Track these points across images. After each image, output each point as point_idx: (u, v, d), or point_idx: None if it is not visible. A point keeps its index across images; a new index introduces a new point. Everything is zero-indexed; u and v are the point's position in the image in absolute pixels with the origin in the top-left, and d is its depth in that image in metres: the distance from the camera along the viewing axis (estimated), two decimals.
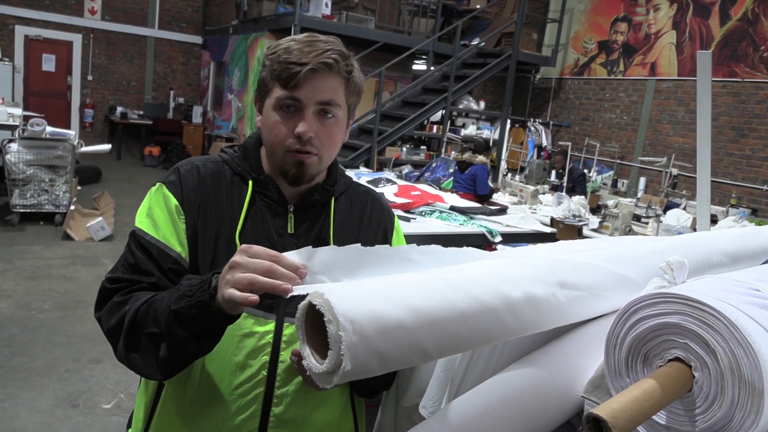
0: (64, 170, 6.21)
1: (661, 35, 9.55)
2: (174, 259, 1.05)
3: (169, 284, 1.04)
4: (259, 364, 1.07)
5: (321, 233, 1.13)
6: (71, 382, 3.24)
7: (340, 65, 1.05)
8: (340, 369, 0.61)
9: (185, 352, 0.94)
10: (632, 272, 0.89)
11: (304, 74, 1.02)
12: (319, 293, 0.65)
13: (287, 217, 1.12)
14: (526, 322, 0.74)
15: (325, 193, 1.15)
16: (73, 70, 11.06)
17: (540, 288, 0.77)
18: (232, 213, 1.09)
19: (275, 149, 1.08)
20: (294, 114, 1.05)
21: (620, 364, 0.65)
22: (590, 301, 0.84)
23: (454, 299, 0.69)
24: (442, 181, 6.72)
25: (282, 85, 1.04)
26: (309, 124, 1.04)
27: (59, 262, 5.14)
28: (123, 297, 1.02)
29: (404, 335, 0.64)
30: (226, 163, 1.14)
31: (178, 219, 1.07)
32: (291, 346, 1.08)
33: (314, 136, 1.05)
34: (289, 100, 1.04)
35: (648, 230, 5.36)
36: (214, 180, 1.12)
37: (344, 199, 1.19)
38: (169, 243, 1.06)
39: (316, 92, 1.04)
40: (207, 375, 1.07)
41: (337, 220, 1.15)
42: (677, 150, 8.97)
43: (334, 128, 1.08)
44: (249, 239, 1.08)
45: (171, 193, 1.08)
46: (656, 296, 0.61)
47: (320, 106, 1.05)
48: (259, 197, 1.11)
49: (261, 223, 1.10)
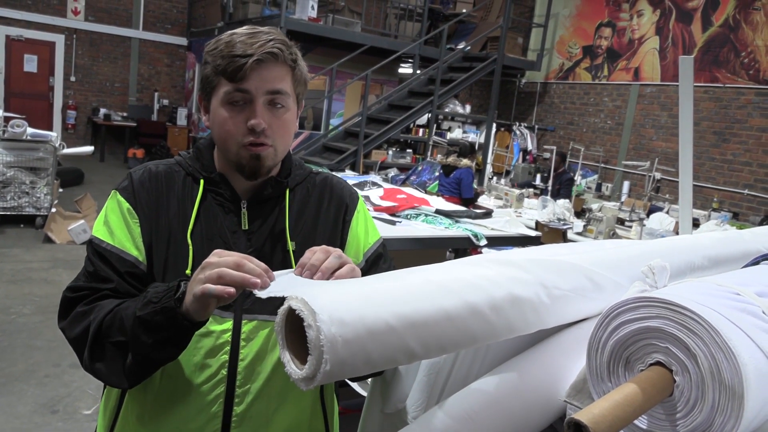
0: (45, 172, 6.13)
1: (644, 41, 9.66)
2: (131, 263, 1.06)
3: (129, 288, 1.04)
4: (218, 363, 1.07)
5: (276, 227, 1.13)
6: (51, 388, 3.19)
7: (285, 54, 1.05)
8: (320, 370, 0.61)
9: (150, 358, 0.94)
10: (616, 275, 0.89)
11: (250, 65, 1.01)
12: (298, 297, 0.64)
13: (240, 213, 1.11)
14: (511, 323, 0.74)
15: (278, 185, 1.14)
16: (56, 71, 10.93)
17: (524, 288, 0.77)
18: (184, 213, 1.09)
19: (228, 145, 1.07)
20: (244, 107, 1.04)
21: (602, 368, 0.64)
22: (574, 301, 0.84)
23: (438, 299, 0.68)
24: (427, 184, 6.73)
25: (228, 78, 1.03)
26: (261, 116, 1.03)
27: (40, 266, 5.06)
28: (86, 307, 1.02)
29: (389, 334, 0.63)
30: (179, 164, 1.15)
31: (132, 223, 1.07)
32: (250, 344, 1.08)
33: (267, 127, 1.04)
34: (237, 93, 1.03)
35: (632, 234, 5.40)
36: (167, 182, 1.12)
37: (301, 191, 1.18)
38: (125, 248, 1.06)
39: (264, 82, 1.03)
40: (167, 377, 1.06)
41: (293, 212, 1.15)
42: (660, 154, 9.07)
43: (285, 118, 1.08)
44: (201, 238, 1.08)
45: (124, 198, 1.09)
46: (638, 300, 0.61)
47: (270, 96, 1.04)
48: (211, 195, 1.11)
49: (213, 221, 1.10)
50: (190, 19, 11.74)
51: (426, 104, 8.96)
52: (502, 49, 9.67)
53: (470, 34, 10.85)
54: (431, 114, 9.15)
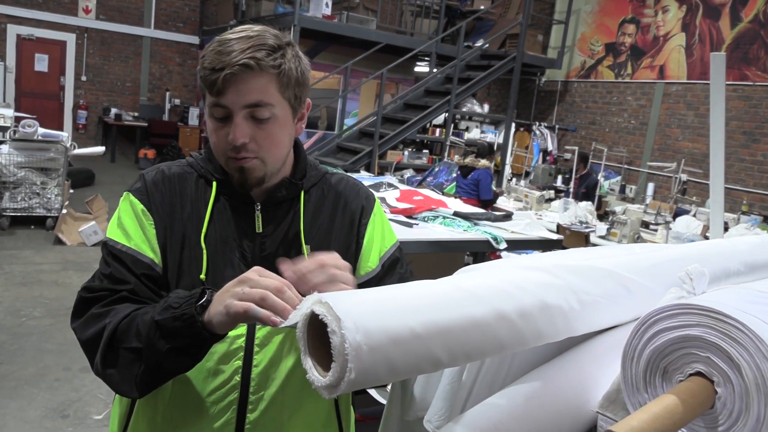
0: (56, 173, 6.21)
1: (670, 37, 9.56)
2: (147, 265, 1.06)
3: (146, 290, 1.05)
4: (231, 369, 1.07)
5: (291, 230, 1.12)
6: (61, 392, 3.22)
7: (263, 62, 0.99)
8: (344, 378, 0.60)
9: (163, 366, 0.94)
10: (648, 280, 0.88)
11: (223, 79, 0.98)
12: (322, 301, 0.64)
13: (254, 216, 1.11)
14: (539, 330, 0.73)
15: (292, 187, 1.14)
16: (67, 70, 11.07)
17: (553, 294, 0.76)
18: (197, 216, 1.10)
19: (218, 156, 1.08)
20: (226, 121, 1.03)
21: (638, 378, 0.63)
22: (605, 308, 0.83)
23: (466, 305, 0.67)
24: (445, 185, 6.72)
25: (209, 91, 1.02)
26: (239, 131, 1.01)
27: (50, 268, 5.12)
28: (102, 309, 1.02)
29: (415, 342, 0.63)
30: (191, 165, 1.15)
31: (146, 224, 1.08)
32: (264, 349, 1.08)
33: (249, 141, 1.03)
34: (217, 107, 1.02)
35: (657, 237, 5.34)
36: (180, 183, 1.12)
37: (316, 192, 1.18)
38: (141, 249, 1.06)
39: (241, 96, 1.00)
40: (179, 383, 1.06)
41: (308, 215, 1.15)
42: (686, 155, 8.97)
43: (271, 128, 1.05)
44: (215, 241, 1.09)
45: (137, 200, 1.10)
46: (676, 307, 0.60)
47: (249, 109, 1.02)
48: (224, 198, 1.12)
49: (227, 224, 1.10)
50: (202, 17, 11.83)
51: (443, 103, 8.95)
52: (522, 46, 9.63)
53: (488, 31, 10.82)
54: (448, 113, 9.14)
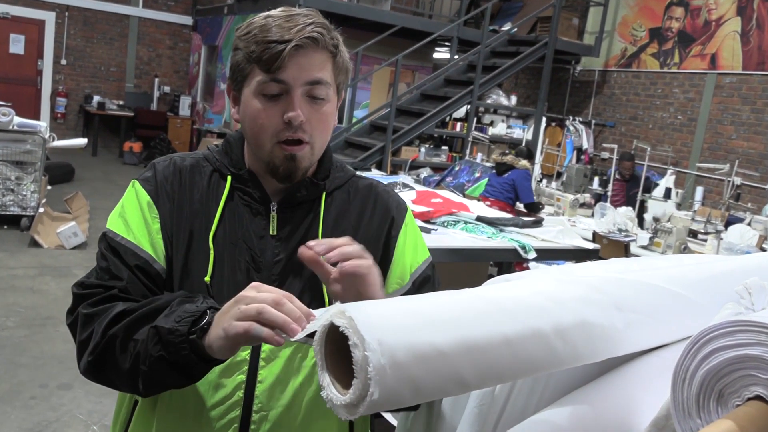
0: (33, 167, 6.28)
1: (723, 22, 9.52)
2: (144, 260, 1.09)
3: (140, 288, 1.08)
4: (234, 383, 1.09)
5: (308, 235, 1.14)
6: (38, 411, 3.26)
7: (326, 39, 1.07)
8: (366, 398, 0.62)
9: (154, 377, 0.97)
10: (698, 296, 0.89)
11: (288, 52, 1.03)
12: (343, 312, 0.65)
13: (269, 216, 1.14)
14: (578, 350, 0.75)
15: (313, 188, 1.16)
16: (45, 53, 11.20)
17: (594, 311, 0.77)
18: (207, 213, 1.12)
19: (261, 142, 1.09)
20: (279, 99, 1.06)
21: (690, 402, 0.64)
22: (651, 327, 0.84)
23: (498, 321, 0.69)
24: (466, 187, 6.73)
25: (263, 68, 1.05)
26: (299, 108, 1.06)
27: (25, 273, 5.18)
28: (91, 309, 1.06)
29: (441, 361, 0.64)
30: (206, 158, 1.18)
31: (150, 218, 1.11)
32: (270, 364, 1.10)
33: (305, 122, 1.07)
34: (272, 83, 1.05)
35: (707, 248, 5.32)
36: (192, 176, 1.15)
37: (340, 196, 1.20)
38: (141, 244, 1.10)
39: (303, 71, 1.05)
40: (178, 396, 1.09)
41: (328, 219, 1.17)
42: (741, 155, 8.92)
43: (326, 111, 1.10)
44: (223, 242, 1.11)
45: (144, 189, 1.13)
46: (733, 324, 0.61)
47: (309, 86, 1.07)
48: (239, 195, 1.14)
49: (238, 224, 1.13)
50: None
51: (465, 94, 8.96)
52: (554, 31, 9.63)
53: (517, 13, 10.82)
54: (471, 106, 9.14)
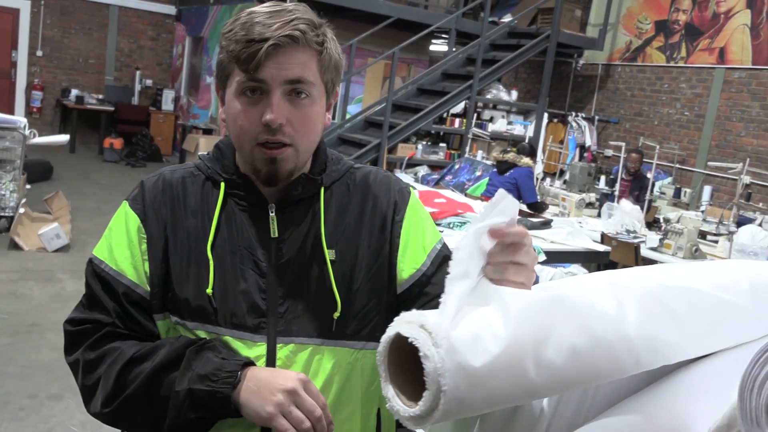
0: (12, 165, 6.25)
1: (732, 15, 9.60)
2: (127, 287, 1.13)
3: (127, 316, 1.13)
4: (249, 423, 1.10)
5: (310, 234, 1.16)
6: (28, 423, 3.26)
7: (308, 36, 1.07)
8: (438, 409, 0.65)
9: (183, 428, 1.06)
10: (750, 303, 0.92)
11: (265, 51, 1.04)
12: (411, 321, 0.68)
13: (268, 219, 1.15)
14: (639, 359, 0.78)
15: (309, 184, 1.18)
16: (20, 43, 11.14)
17: (653, 319, 0.80)
18: (203, 223, 1.15)
19: (242, 144, 1.11)
20: (259, 99, 1.08)
21: (759, 412, 0.67)
22: (703, 334, 0.87)
23: (566, 326, 0.72)
24: (467, 186, 6.77)
25: (242, 67, 1.06)
26: (277, 109, 1.06)
27: (7, 277, 5.17)
28: (93, 353, 1.11)
29: (512, 369, 0.67)
30: (198, 168, 1.20)
31: (137, 239, 1.14)
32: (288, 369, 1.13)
33: (285, 123, 1.07)
34: (251, 83, 1.07)
35: (718, 250, 5.38)
36: (184, 188, 1.17)
37: (339, 189, 1.22)
38: (123, 271, 1.13)
39: (283, 70, 1.06)
40: None
41: (330, 214, 1.19)
42: (751, 153, 9.00)
43: (309, 110, 1.10)
44: (223, 251, 1.14)
45: (133, 211, 1.16)
46: None
47: (289, 86, 1.07)
48: (234, 200, 1.16)
49: (237, 230, 1.15)
50: None
51: (463, 89, 8.99)
52: (557, 23, 9.68)
53: (517, 5, 10.88)
54: (470, 101, 9.18)
